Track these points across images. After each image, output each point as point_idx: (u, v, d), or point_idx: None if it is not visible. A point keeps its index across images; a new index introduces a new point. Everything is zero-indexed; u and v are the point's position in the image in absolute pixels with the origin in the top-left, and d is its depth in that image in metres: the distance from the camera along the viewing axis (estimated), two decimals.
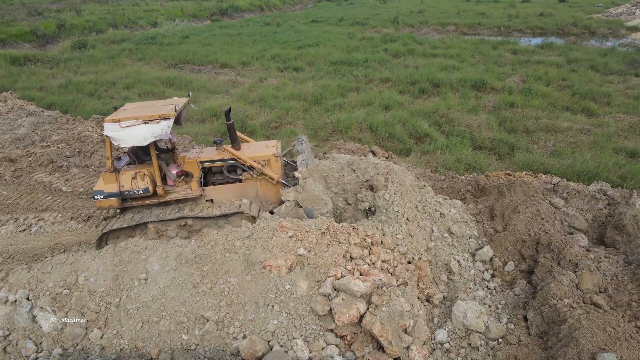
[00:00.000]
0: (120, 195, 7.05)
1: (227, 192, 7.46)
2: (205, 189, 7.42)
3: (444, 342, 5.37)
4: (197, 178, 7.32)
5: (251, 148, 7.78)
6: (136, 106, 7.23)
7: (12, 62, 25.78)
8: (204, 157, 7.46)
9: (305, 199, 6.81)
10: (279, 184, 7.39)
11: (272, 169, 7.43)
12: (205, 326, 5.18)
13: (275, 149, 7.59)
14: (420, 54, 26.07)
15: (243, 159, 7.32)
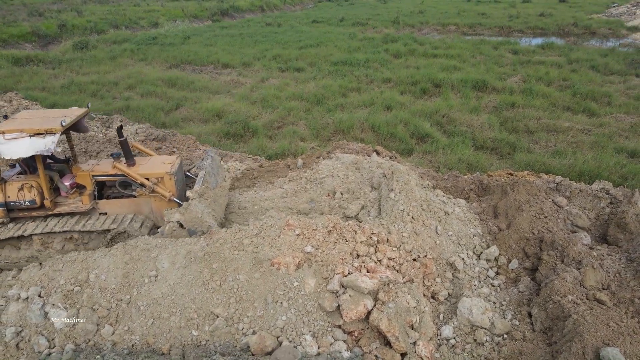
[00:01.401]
0: (5, 206, 6.86)
1: (121, 207, 7.38)
2: (99, 202, 7.31)
3: (450, 337, 5.47)
4: (90, 191, 7.21)
5: (147, 164, 7.64)
6: (28, 115, 7.02)
7: (14, 62, 25.83)
8: (98, 170, 7.34)
9: (188, 221, 6.70)
10: (177, 200, 7.33)
11: (165, 186, 7.32)
12: (215, 322, 5.27)
13: (170, 167, 7.44)
14: (421, 54, 26.17)
15: (134, 176, 7.21)
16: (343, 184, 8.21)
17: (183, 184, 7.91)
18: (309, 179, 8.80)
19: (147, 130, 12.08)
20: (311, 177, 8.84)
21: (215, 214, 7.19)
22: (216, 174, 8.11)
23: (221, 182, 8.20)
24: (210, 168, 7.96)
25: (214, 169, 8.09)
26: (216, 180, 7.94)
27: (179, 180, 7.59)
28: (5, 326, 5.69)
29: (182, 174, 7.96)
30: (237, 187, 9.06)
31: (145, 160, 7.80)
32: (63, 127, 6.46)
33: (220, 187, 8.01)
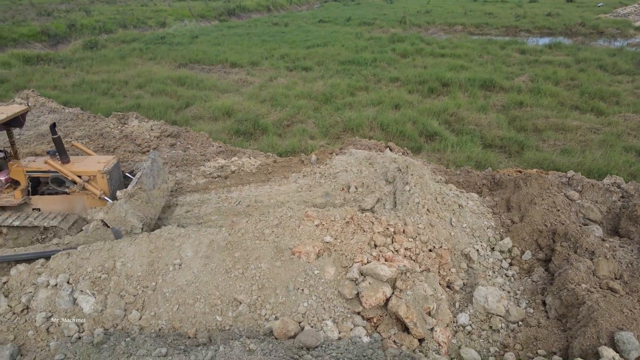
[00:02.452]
0: None
1: (54, 204, 7.56)
2: (32, 197, 7.48)
3: (466, 324, 5.63)
4: (23, 187, 7.40)
5: (82, 162, 7.81)
6: None
7: (26, 61, 26.15)
8: (32, 166, 7.49)
9: (111, 219, 6.93)
10: (107, 199, 7.49)
11: (97, 184, 7.51)
12: (239, 308, 5.45)
13: (103, 166, 7.62)
14: (428, 53, 26.30)
15: (65, 172, 7.35)
16: (357, 179, 8.38)
17: (119, 183, 8.06)
18: (323, 174, 8.97)
19: (161, 127, 12.30)
20: (325, 172, 9.02)
21: (145, 215, 7.32)
22: (156, 176, 8.33)
23: (160, 184, 8.41)
24: (149, 170, 8.14)
25: (153, 170, 8.27)
26: (154, 182, 8.17)
27: (113, 179, 7.76)
28: (35, 311, 5.89)
29: (119, 173, 8.11)
30: (252, 182, 9.25)
31: (81, 159, 7.98)
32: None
33: (159, 189, 8.27)
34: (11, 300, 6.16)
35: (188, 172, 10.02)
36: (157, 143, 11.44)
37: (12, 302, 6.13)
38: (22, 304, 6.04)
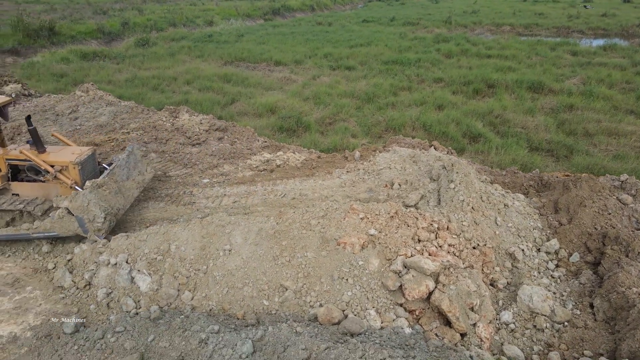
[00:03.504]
0: None
1: (32, 190, 7.96)
2: (12, 184, 7.92)
3: (509, 322, 5.63)
4: (3, 174, 7.85)
5: (57, 153, 8.13)
6: None
7: (82, 57, 27.55)
8: (11, 155, 7.90)
9: (75, 208, 7.14)
10: (78, 188, 7.75)
11: (69, 174, 7.81)
12: (285, 294, 5.68)
13: (76, 157, 7.91)
14: (474, 54, 25.85)
15: (37, 162, 7.69)
16: (401, 176, 8.46)
17: (95, 175, 8.34)
18: (367, 171, 9.10)
19: (210, 121, 12.76)
20: (369, 169, 9.14)
21: (111, 205, 7.61)
22: (131, 168, 8.62)
23: (136, 175, 8.69)
24: (125, 162, 8.46)
25: (129, 162, 8.57)
26: (128, 174, 8.46)
27: (86, 170, 8.07)
28: (97, 288, 6.35)
29: (93, 164, 8.39)
30: (297, 176, 9.50)
31: (58, 149, 8.34)
32: None
33: (133, 181, 8.56)
34: (75, 277, 6.66)
35: (235, 165, 10.39)
36: (206, 136, 11.91)
37: (76, 278, 6.62)
38: (85, 280, 6.52)
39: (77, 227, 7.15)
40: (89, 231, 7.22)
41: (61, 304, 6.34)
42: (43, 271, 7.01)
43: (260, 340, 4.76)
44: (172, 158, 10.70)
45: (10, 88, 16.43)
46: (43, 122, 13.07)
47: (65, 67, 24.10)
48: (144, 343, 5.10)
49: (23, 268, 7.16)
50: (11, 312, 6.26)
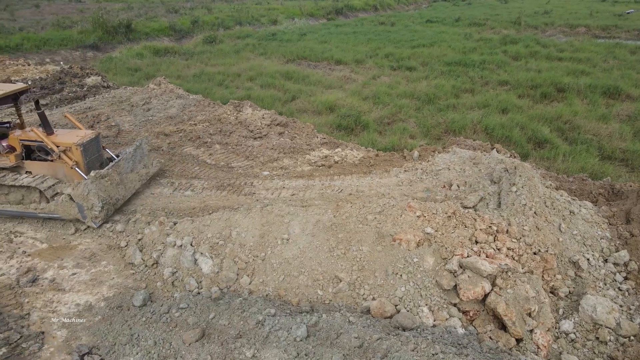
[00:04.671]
0: None
1: (41, 168, 8.52)
2: (25, 162, 8.53)
3: (569, 332, 5.43)
4: (18, 152, 8.48)
5: (64, 135, 8.66)
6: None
7: (155, 53, 29.14)
8: (25, 136, 8.53)
9: (76, 196, 7.65)
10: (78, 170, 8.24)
11: (73, 155, 8.26)
12: (339, 285, 5.82)
13: (79, 139, 8.37)
14: (543, 56, 24.72)
15: (45, 141, 8.22)
16: (460, 177, 8.35)
17: (98, 158, 8.82)
18: (425, 170, 9.05)
19: (272, 116, 13.16)
20: (427, 169, 9.08)
21: (110, 196, 8.09)
22: (137, 161, 9.08)
23: (140, 169, 9.15)
24: (131, 155, 8.91)
25: (135, 156, 9.02)
26: (133, 166, 8.91)
27: (88, 152, 8.52)
28: (164, 267, 6.81)
29: (96, 148, 8.82)
30: (354, 173, 9.61)
31: (65, 132, 8.94)
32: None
33: (137, 174, 9.01)
34: (144, 255, 7.17)
35: (294, 159, 10.66)
36: (267, 130, 12.30)
37: (145, 256, 7.13)
38: (153, 259, 7.01)
39: (77, 213, 7.84)
40: (87, 217, 7.88)
41: (131, 279, 6.86)
42: (116, 248, 7.60)
43: (315, 326, 4.93)
44: (234, 150, 11.16)
45: (91, 80, 17.77)
46: (120, 112, 14.05)
47: (139, 62, 25.64)
48: (205, 320, 5.43)
49: (99, 244, 7.80)
50: (88, 283, 6.86)
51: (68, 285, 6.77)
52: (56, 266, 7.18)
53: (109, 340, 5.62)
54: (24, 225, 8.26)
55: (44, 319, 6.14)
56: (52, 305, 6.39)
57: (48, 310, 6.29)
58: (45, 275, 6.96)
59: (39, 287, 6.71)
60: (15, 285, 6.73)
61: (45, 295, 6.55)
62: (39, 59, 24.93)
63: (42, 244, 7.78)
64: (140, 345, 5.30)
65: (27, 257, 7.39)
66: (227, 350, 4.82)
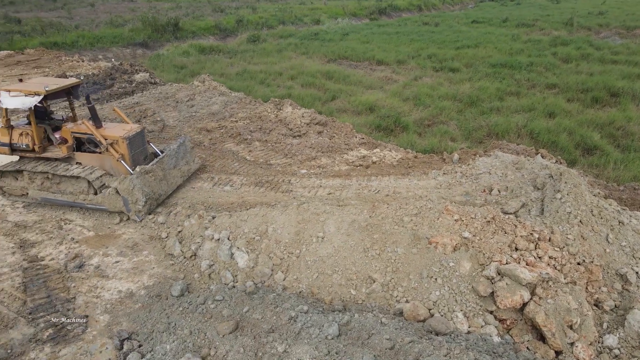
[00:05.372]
0: (10, 146, 8.79)
1: (90, 160, 8.84)
2: (76, 154, 8.85)
3: (614, 347, 5.17)
4: (69, 144, 8.80)
5: (112, 128, 9.01)
6: (37, 80, 9.12)
7: (200, 51, 29.92)
8: (76, 129, 8.85)
9: (122, 189, 7.99)
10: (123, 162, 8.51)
11: (119, 148, 8.54)
12: (372, 286, 5.79)
13: (125, 133, 8.66)
14: (596, 59, 23.63)
15: (95, 134, 8.53)
16: (501, 182, 8.12)
17: (142, 151, 9.06)
18: (465, 174, 8.85)
19: (311, 115, 13.24)
20: (467, 172, 8.89)
21: (153, 191, 8.39)
22: (180, 158, 9.32)
23: (183, 165, 9.37)
24: (175, 152, 9.17)
25: (178, 153, 9.28)
26: (176, 163, 9.15)
27: (134, 145, 8.75)
28: (201, 259, 7.00)
29: (141, 142, 9.06)
30: (392, 174, 9.53)
31: (113, 125, 9.26)
32: (46, 91, 8.20)
33: (179, 170, 9.28)
34: (183, 247, 7.38)
35: (332, 158, 10.69)
36: (306, 129, 12.38)
37: (184, 248, 7.35)
38: (192, 251, 7.21)
39: (122, 206, 8.20)
40: (131, 211, 8.21)
41: (170, 269, 7.09)
42: (157, 239, 7.88)
43: (346, 325, 4.94)
44: (273, 147, 11.31)
45: (139, 76, 18.46)
46: (165, 108, 14.53)
47: (185, 59, 26.40)
48: (239, 313, 5.54)
49: (141, 234, 8.11)
50: (130, 271, 7.14)
51: (111, 273, 7.08)
52: (101, 254, 7.52)
53: (147, 327, 5.84)
54: (73, 213, 8.69)
55: (88, 303, 6.44)
56: (97, 290, 6.70)
57: (92, 296, 6.60)
58: (91, 262, 7.30)
59: (84, 273, 7.05)
60: (63, 270, 7.10)
61: (90, 281, 6.88)
62: (92, 56, 26.14)
63: (89, 231, 8.16)
64: (176, 334, 5.47)
65: (75, 244, 7.77)
66: (260, 344, 4.90)
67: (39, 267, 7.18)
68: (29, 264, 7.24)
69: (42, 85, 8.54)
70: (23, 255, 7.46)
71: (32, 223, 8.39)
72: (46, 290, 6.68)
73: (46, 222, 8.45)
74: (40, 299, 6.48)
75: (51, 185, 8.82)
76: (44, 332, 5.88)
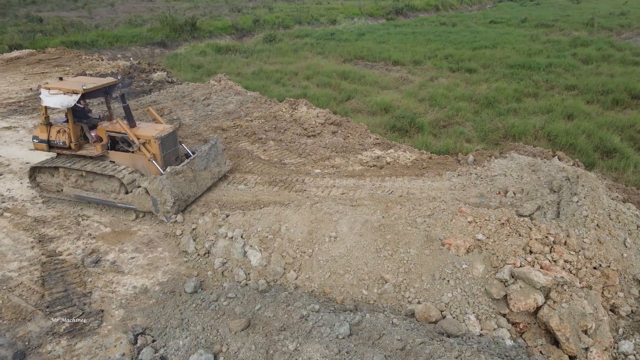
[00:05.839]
0: (48, 143, 8.94)
1: (124, 159, 8.91)
2: (110, 152, 8.94)
3: (629, 353, 5.09)
4: (104, 143, 8.91)
5: (145, 128, 9.06)
6: (75, 79, 9.22)
7: (217, 50, 30.16)
8: (111, 128, 8.94)
9: (152, 190, 8.05)
10: (155, 162, 8.55)
11: (151, 148, 8.58)
12: (384, 286, 5.79)
13: (158, 133, 8.69)
14: (617, 60, 23.18)
15: (129, 133, 8.58)
16: (516, 184, 8.03)
17: (174, 151, 9.09)
18: (479, 176, 8.78)
19: (326, 115, 13.26)
20: (482, 174, 8.81)
21: (183, 192, 8.40)
22: (211, 159, 9.33)
23: (214, 167, 9.36)
24: (206, 153, 9.19)
25: (209, 154, 9.30)
26: (207, 164, 9.16)
27: (165, 146, 8.78)
28: (215, 257, 7.07)
29: (173, 142, 9.08)
30: (406, 174, 9.49)
31: (146, 125, 9.33)
32: (84, 90, 8.29)
33: (209, 172, 9.26)
34: (197, 244, 7.47)
35: (346, 159, 10.70)
36: (321, 129, 12.41)
37: (198, 245, 7.43)
38: (205, 249, 7.29)
39: (151, 206, 8.25)
40: (160, 211, 8.27)
41: (184, 266, 7.18)
42: (172, 236, 7.98)
43: (357, 325, 4.94)
44: (288, 147, 11.36)
45: (157, 75, 18.70)
46: (181, 106, 14.70)
47: (202, 59, 26.63)
48: (251, 310, 5.58)
49: (156, 231, 8.22)
50: (145, 268, 7.25)
51: (127, 268, 7.20)
52: (117, 249, 7.65)
53: (161, 323, 5.92)
54: (90, 209, 8.86)
55: (104, 298, 6.56)
56: (112, 285, 6.82)
57: (108, 290, 6.72)
58: (107, 258, 7.43)
59: (101, 268, 7.18)
60: (80, 265, 7.25)
61: (107, 276, 7.00)
62: (111, 55, 26.55)
63: (106, 227, 8.31)
64: (189, 330, 5.54)
65: (92, 240, 7.92)
66: (271, 342, 4.94)
67: (56, 262, 7.33)
68: (47, 259, 7.40)
69: (80, 84, 8.65)
70: (42, 249, 7.63)
71: (50, 218, 8.56)
72: (63, 284, 6.83)
73: (64, 217, 8.62)
74: (57, 293, 6.63)
75: (85, 183, 8.93)
76: (61, 326, 6.01)
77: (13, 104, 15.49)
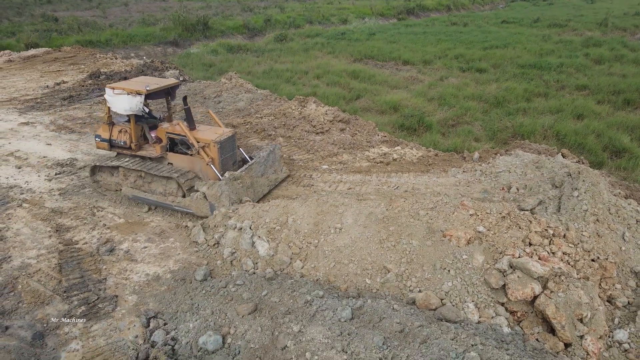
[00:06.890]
0: (109, 142, 9.08)
1: (182, 161, 8.89)
2: (169, 154, 8.96)
3: (624, 342, 5.22)
4: (163, 144, 8.97)
5: (204, 131, 9.01)
6: (138, 79, 9.38)
7: (228, 49, 30.51)
8: (171, 129, 8.95)
9: (210, 195, 8.03)
10: (213, 166, 8.52)
11: (210, 151, 8.53)
12: (387, 276, 5.98)
13: (217, 137, 8.65)
14: (630, 60, 23.04)
15: (189, 136, 8.58)
16: (520, 180, 8.17)
17: (232, 156, 9.05)
18: (484, 172, 8.92)
19: (334, 113, 13.48)
20: (486, 171, 8.95)
21: (240, 198, 8.35)
22: (268, 166, 9.28)
23: (270, 174, 9.32)
24: (264, 160, 9.14)
25: (267, 161, 9.24)
26: (264, 171, 9.12)
27: (224, 149, 8.77)
28: (224, 247, 7.32)
29: (232, 147, 9.05)
30: (411, 171, 9.67)
31: (205, 128, 9.31)
32: (147, 90, 8.34)
33: (266, 178, 9.22)
34: (207, 235, 7.72)
35: (354, 155, 10.90)
36: (329, 126, 12.63)
37: (208, 236, 7.69)
38: (215, 240, 7.54)
39: (208, 211, 8.24)
40: None
41: (195, 256, 7.44)
42: (183, 227, 8.26)
43: (359, 309, 5.15)
44: (297, 143, 11.60)
45: (169, 73, 19.08)
46: (193, 104, 15.02)
47: (214, 58, 26.99)
48: (258, 296, 5.82)
49: (168, 222, 8.51)
50: (157, 256, 7.53)
51: (140, 257, 7.48)
52: (131, 239, 7.94)
53: (172, 308, 6.19)
54: (105, 201, 9.17)
55: (118, 284, 6.85)
56: (126, 273, 7.11)
57: (122, 277, 7.01)
58: (121, 247, 7.73)
59: (115, 257, 7.47)
60: (96, 253, 7.55)
61: (120, 264, 7.29)
62: (125, 53, 27.05)
63: (120, 218, 8.61)
64: (199, 314, 5.79)
65: (106, 230, 8.23)
66: (276, 324, 5.16)
67: (73, 250, 7.65)
68: (64, 247, 7.72)
69: (143, 84, 8.71)
70: (59, 238, 7.95)
71: (67, 209, 8.89)
72: (80, 271, 7.13)
73: (80, 209, 8.94)
74: (74, 279, 6.93)
75: (143, 183, 8.92)
76: (77, 309, 6.30)
77: (30, 101, 15.96)
